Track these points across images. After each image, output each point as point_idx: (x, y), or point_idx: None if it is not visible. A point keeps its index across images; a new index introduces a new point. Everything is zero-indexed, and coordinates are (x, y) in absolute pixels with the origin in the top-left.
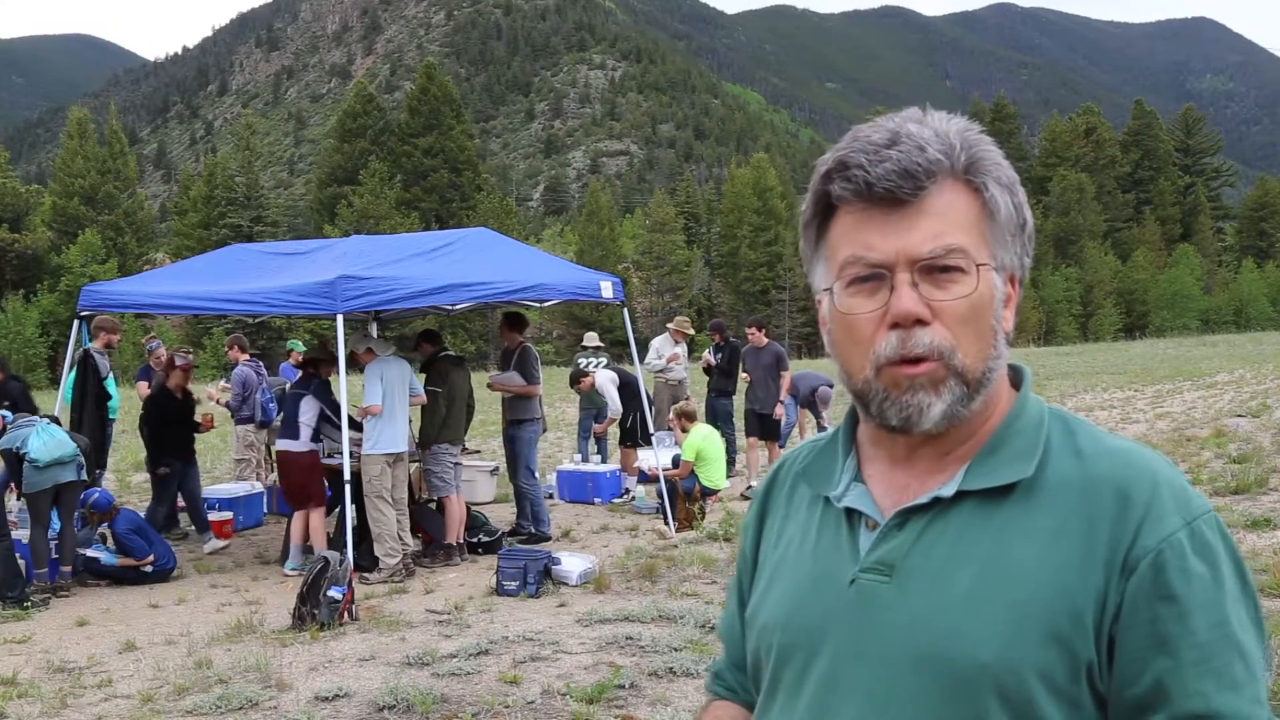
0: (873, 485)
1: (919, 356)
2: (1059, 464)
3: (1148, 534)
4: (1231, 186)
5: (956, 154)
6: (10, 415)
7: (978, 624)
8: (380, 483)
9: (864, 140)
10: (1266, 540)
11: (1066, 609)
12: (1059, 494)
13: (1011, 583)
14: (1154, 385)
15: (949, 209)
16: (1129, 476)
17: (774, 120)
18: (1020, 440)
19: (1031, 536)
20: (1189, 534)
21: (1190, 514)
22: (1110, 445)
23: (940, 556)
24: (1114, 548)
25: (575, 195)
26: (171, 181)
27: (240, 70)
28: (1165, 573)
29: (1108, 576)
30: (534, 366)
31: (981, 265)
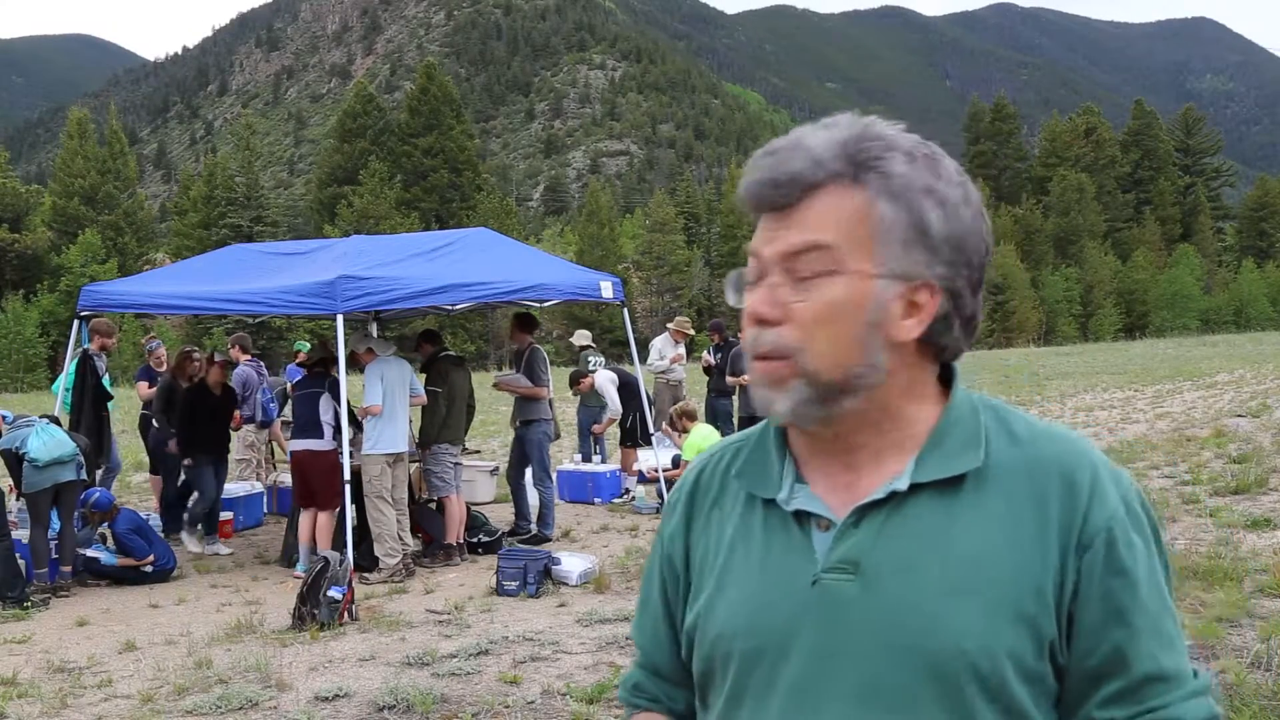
0: (815, 485)
1: (763, 354)
2: (999, 450)
3: (1096, 514)
4: (1231, 186)
5: (838, 161)
6: (10, 415)
7: (956, 612)
8: (380, 483)
9: (763, 148)
10: (1266, 540)
11: (1031, 588)
12: (1006, 479)
13: (980, 568)
14: (1154, 385)
15: (827, 213)
16: (1069, 460)
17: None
18: (961, 431)
19: (989, 521)
20: (1126, 510)
21: (1124, 491)
22: (1041, 429)
23: (905, 550)
24: (1066, 528)
25: (575, 195)
26: (171, 181)
27: (240, 70)
28: (1115, 548)
29: (1063, 555)
30: (542, 368)
31: (853, 273)
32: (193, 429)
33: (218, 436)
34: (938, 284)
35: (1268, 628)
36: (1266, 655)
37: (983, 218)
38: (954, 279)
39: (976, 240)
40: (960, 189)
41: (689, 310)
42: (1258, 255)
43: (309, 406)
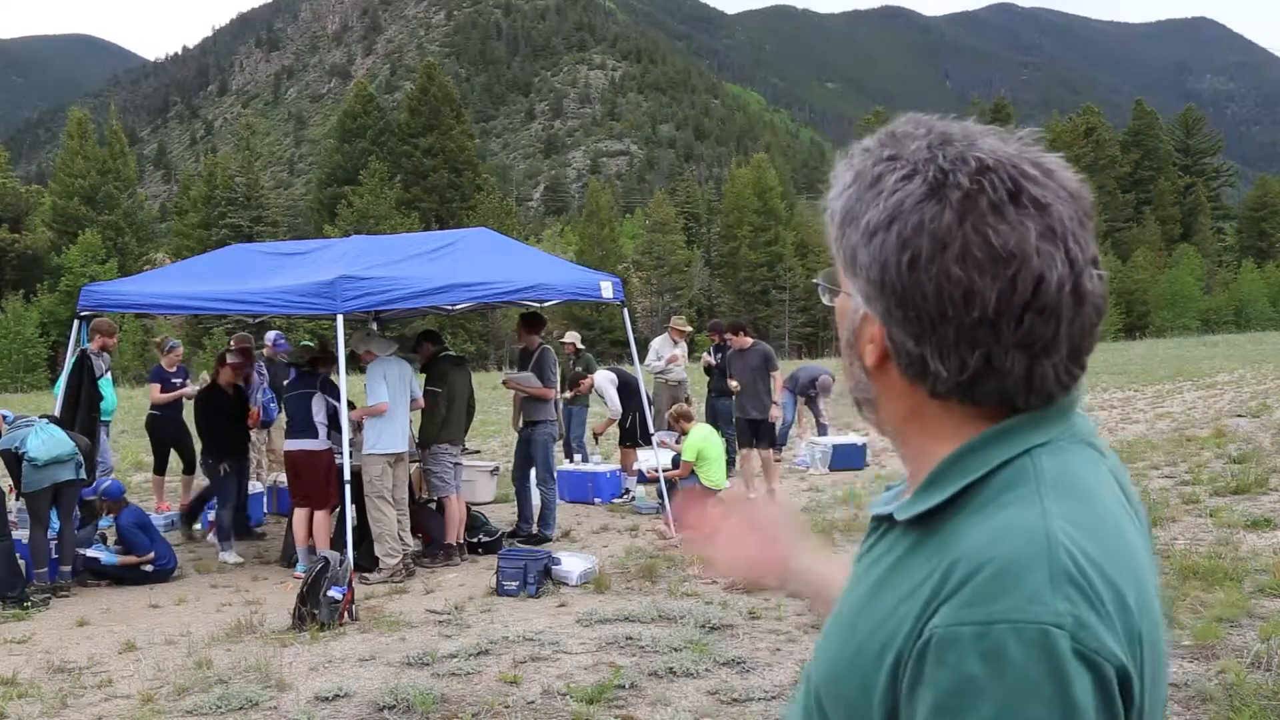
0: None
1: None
2: (968, 518)
3: (939, 615)
4: (1231, 186)
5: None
6: (10, 415)
7: (829, 647)
8: (381, 483)
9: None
10: (1266, 540)
11: (881, 663)
12: (940, 547)
13: (863, 621)
14: (1154, 385)
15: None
16: (971, 550)
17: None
18: (947, 482)
19: (901, 582)
20: (979, 634)
21: (1001, 615)
22: (1013, 517)
23: (862, 570)
24: (919, 617)
25: (575, 195)
26: (171, 181)
27: (240, 70)
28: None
29: (906, 643)
30: (551, 368)
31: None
32: (212, 433)
33: (237, 438)
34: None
35: (1268, 628)
36: (1266, 655)
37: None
38: (887, 320)
39: (895, 277)
40: (885, 212)
41: (689, 310)
42: (1258, 255)
43: (302, 406)
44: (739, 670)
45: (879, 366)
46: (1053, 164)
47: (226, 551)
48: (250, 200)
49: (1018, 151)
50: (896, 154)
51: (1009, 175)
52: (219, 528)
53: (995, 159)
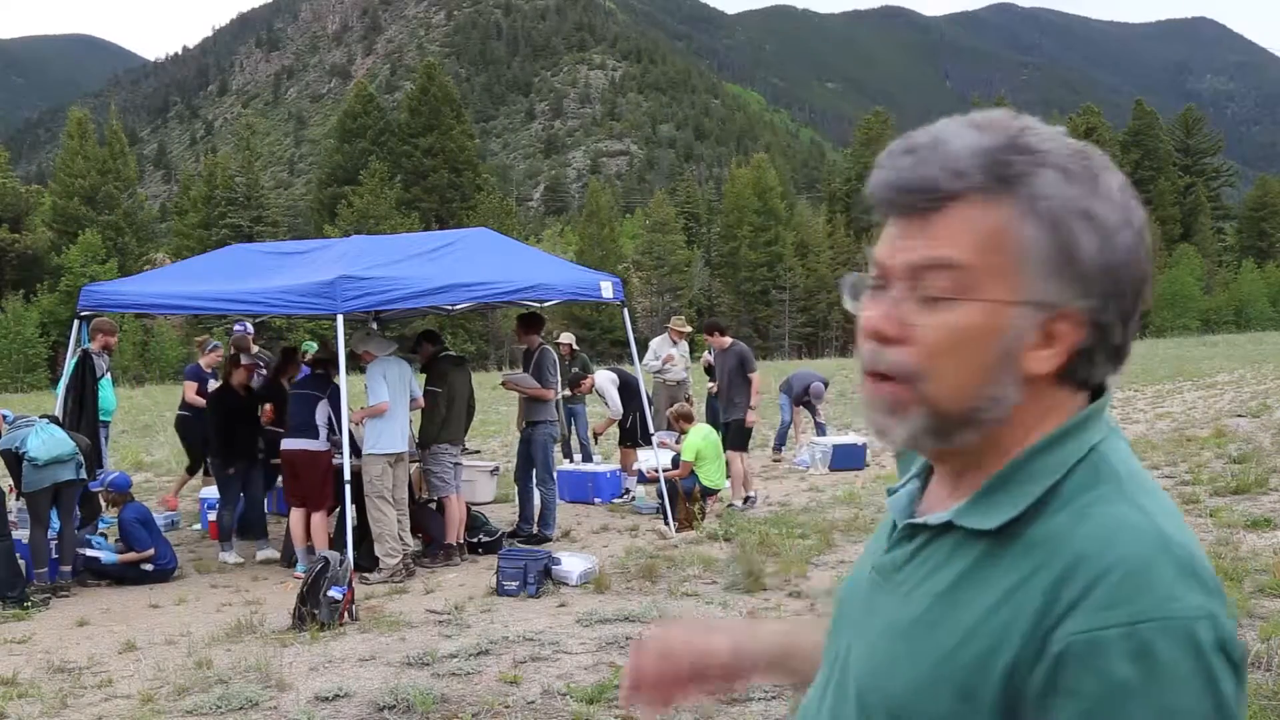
0: (930, 490)
1: (880, 373)
2: (1055, 518)
3: (1073, 620)
4: (1231, 186)
5: (979, 173)
6: (10, 415)
7: (902, 658)
8: (381, 483)
9: (900, 141)
10: (1266, 540)
11: (988, 673)
12: (1032, 551)
13: (948, 629)
14: (1154, 385)
15: (964, 230)
16: (1091, 550)
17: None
18: (1022, 486)
19: (986, 589)
20: (1125, 635)
21: (1145, 614)
22: (1116, 511)
23: (916, 580)
24: (1038, 622)
25: (575, 195)
26: (171, 181)
27: (240, 70)
28: (1070, 668)
29: (1023, 649)
30: (550, 369)
31: (988, 300)
32: (224, 433)
33: (249, 439)
34: (1082, 315)
35: (1268, 628)
36: (1266, 655)
37: (1143, 240)
38: (1103, 310)
39: (1134, 267)
40: (1121, 210)
41: (689, 310)
42: (1258, 255)
43: (305, 407)
44: None
45: (1043, 374)
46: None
47: (227, 552)
48: (250, 200)
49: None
50: (1084, 153)
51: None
52: (220, 528)
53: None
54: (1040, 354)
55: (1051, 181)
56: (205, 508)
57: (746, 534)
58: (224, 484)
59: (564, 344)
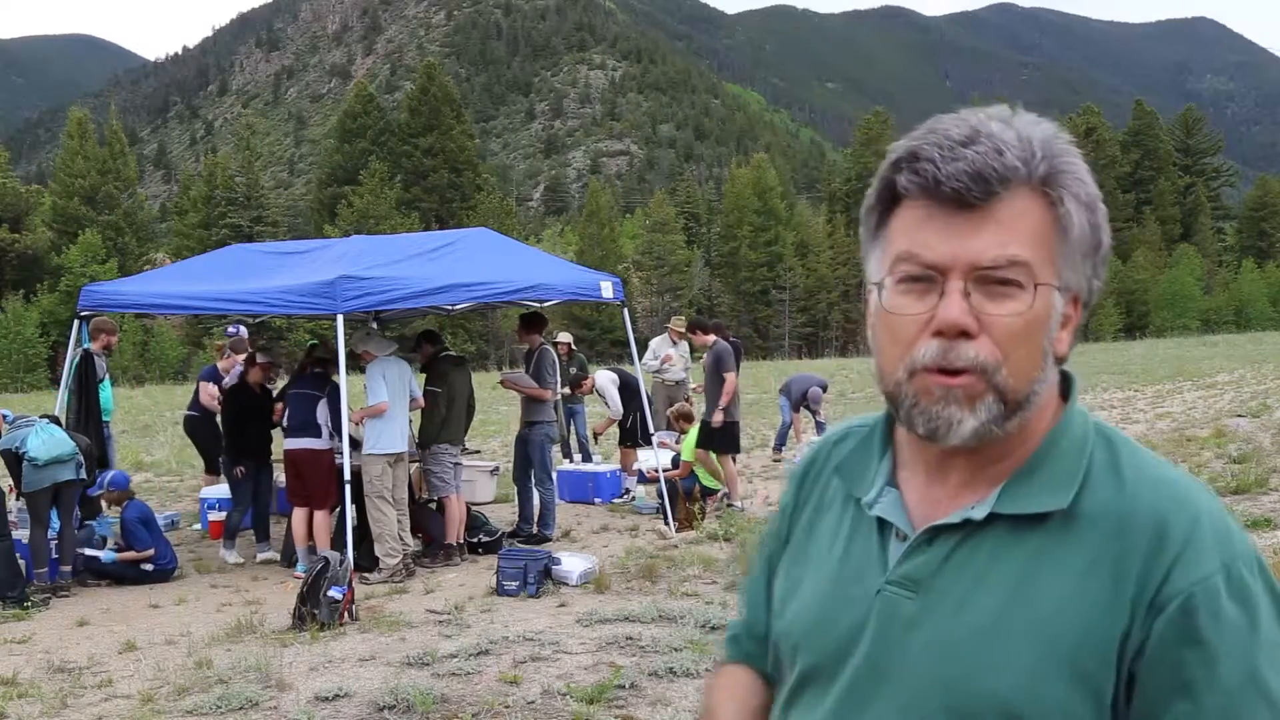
0: (906, 492)
1: (959, 369)
2: (1099, 491)
3: (1180, 575)
4: (1231, 186)
5: (1036, 162)
6: (10, 415)
7: (1000, 657)
8: (381, 483)
9: (941, 133)
10: (1266, 540)
11: (1093, 647)
12: (1096, 525)
13: (1037, 616)
14: (1154, 385)
15: (1018, 219)
16: (1169, 510)
17: (774, 120)
18: (1061, 464)
19: (1063, 569)
20: (1225, 577)
21: (1230, 555)
22: (1154, 473)
23: (968, 580)
24: (1143, 585)
25: (575, 195)
26: (171, 181)
27: (240, 70)
28: (1195, 617)
29: (1133, 614)
30: (549, 369)
31: (1042, 284)
32: (239, 432)
33: (263, 438)
34: (1083, 296)
35: None
36: None
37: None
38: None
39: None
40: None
41: (689, 310)
42: (1258, 255)
43: (306, 407)
44: None
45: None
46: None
47: (228, 550)
48: (250, 200)
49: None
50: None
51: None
52: (227, 528)
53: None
54: (1062, 336)
55: (1079, 170)
56: (205, 508)
57: (746, 534)
58: (235, 484)
59: (562, 344)
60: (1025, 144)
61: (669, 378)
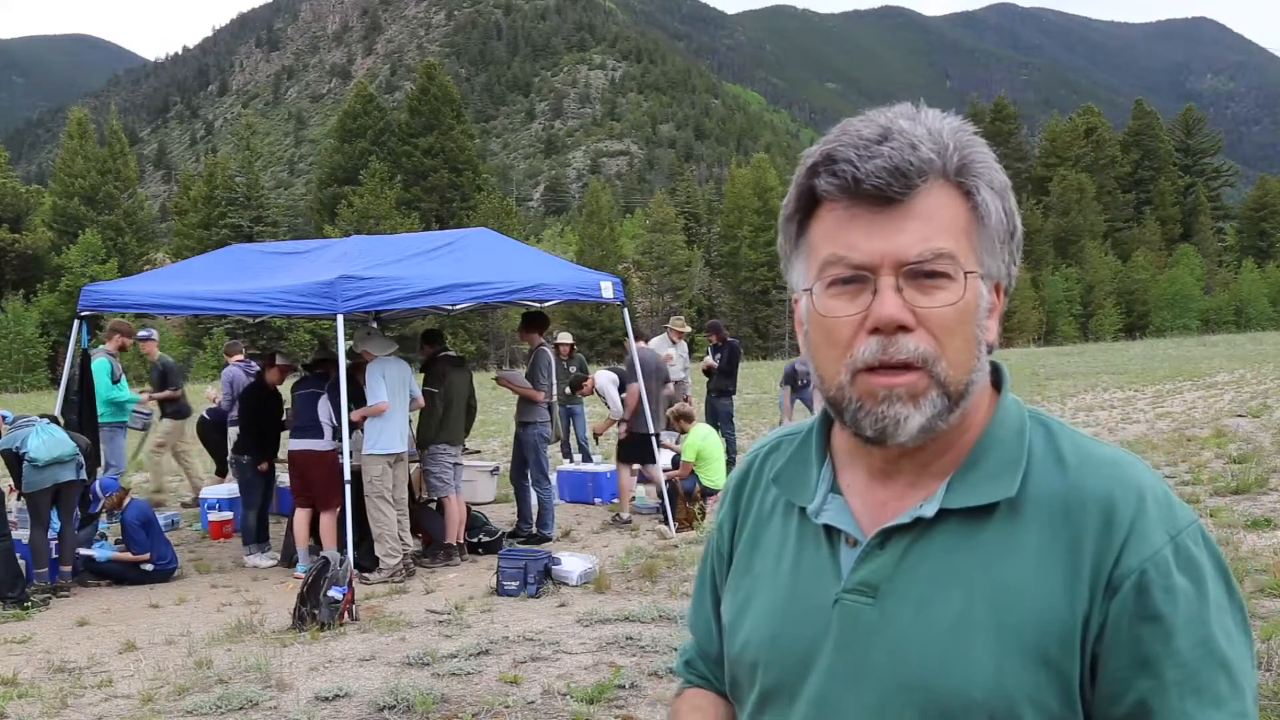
0: (850, 498)
1: (902, 363)
2: (1043, 476)
3: (1131, 553)
4: (1231, 186)
5: (949, 154)
6: (10, 415)
7: (966, 654)
8: (381, 483)
9: (854, 134)
10: (1266, 540)
11: (1056, 632)
12: (1044, 510)
13: (999, 607)
14: (1154, 385)
15: (938, 212)
16: (1114, 491)
17: (774, 120)
18: (1002, 452)
19: (1018, 557)
20: (1173, 550)
21: (1175, 528)
22: (1093, 454)
23: (925, 579)
24: (1098, 567)
25: (575, 195)
26: (171, 181)
27: (240, 70)
28: (1149, 592)
29: (1091, 596)
30: (543, 370)
31: (970, 272)
32: (256, 432)
33: (276, 440)
34: (1004, 283)
35: (1268, 628)
36: (1266, 655)
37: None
38: (1010, 278)
39: (1018, 225)
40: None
41: (689, 310)
42: (1258, 255)
43: (308, 407)
44: None
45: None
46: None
47: (253, 555)
48: (250, 200)
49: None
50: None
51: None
52: (244, 530)
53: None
54: (989, 324)
55: (989, 159)
56: (205, 508)
57: None
58: (247, 485)
59: (562, 344)
60: (936, 137)
61: (669, 378)
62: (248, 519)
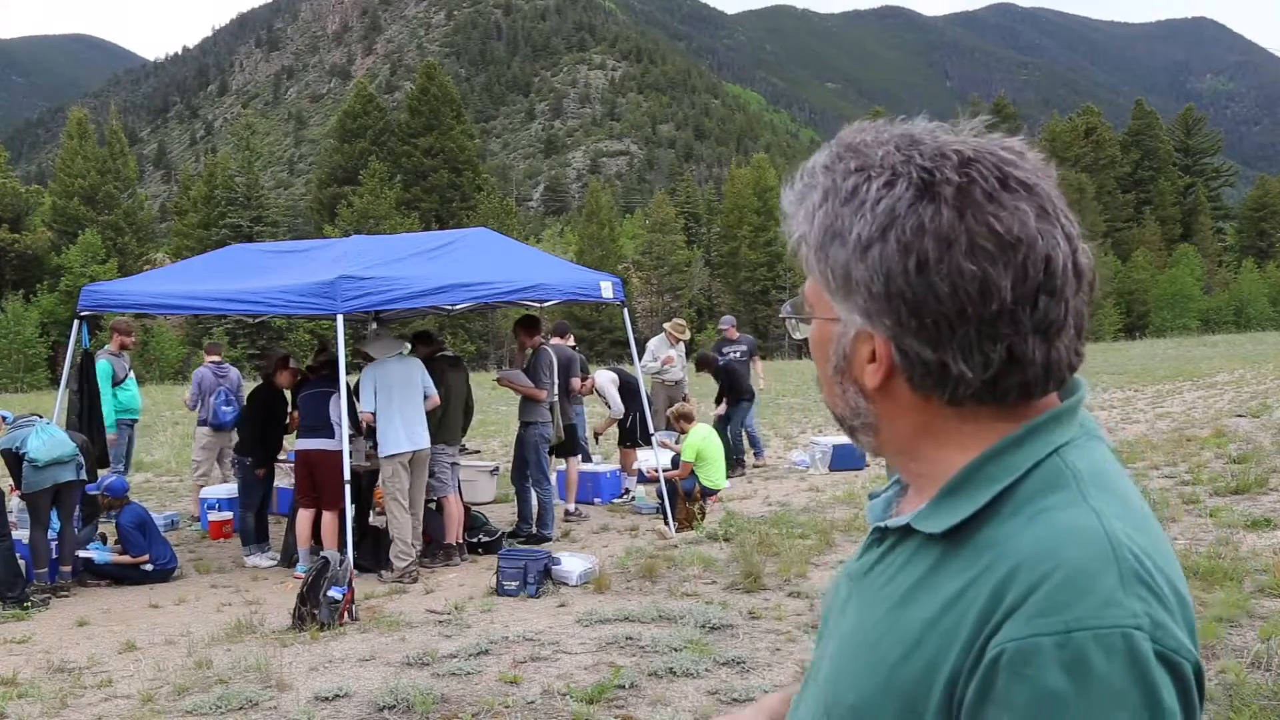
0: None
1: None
2: (1008, 523)
3: (1009, 628)
4: (1231, 186)
5: (792, 206)
6: (10, 415)
7: (859, 670)
8: (393, 484)
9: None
10: (1266, 540)
11: (930, 683)
12: (980, 556)
13: (894, 639)
14: (1154, 385)
15: (803, 261)
16: (1033, 557)
17: (774, 120)
18: (971, 490)
19: (933, 596)
20: (1059, 643)
21: (1080, 622)
22: (1068, 518)
23: (877, 585)
24: (977, 630)
25: (575, 195)
26: (171, 181)
27: (240, 70)
28: (1002, 676)
29: (964, 659)
30: (544, 370)
31: (821, 316)
32: (263, 433)
33: (280, 442)
34: (883, 335)
35: (1268, 628)
36: (1266, 655)
37: (910, 254)
38: (898, 332)
39: (903, 285)
40: (875, 222)
41: (688, 310)
42: (1258, 255)
43: (319, 406)
44: (739, 670)
45: (882, 387)
46: (1019, 145)
47: (253, 555)
48: (250, 200)
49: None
50: (864, 164)
51: (992, 162)
52: (244, 531)
53: (973, 149)
54: (869, 367)
55: (817, 201)
56: (205, 508)
57: (746, 534)
58: (247, 485)
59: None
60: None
61: (669, 378)
62: (247, 519)
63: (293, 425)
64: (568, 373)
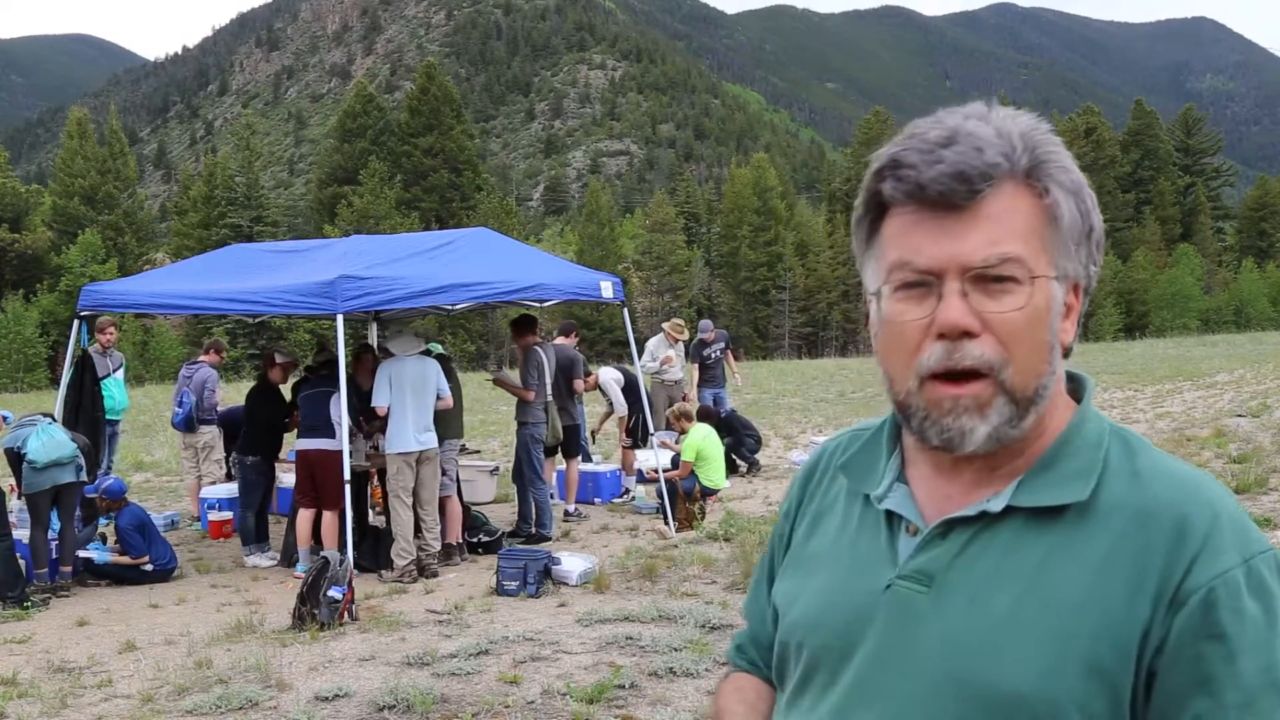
0: (916, 488)
1: (967, 369)
2: (1115, 486)
3: (1201, 569)
4: (1231, 186)
5: (1018, 155)
6: (11, 416)
7: (1016, 650)
8: (397, 481)
9: (920, 137)
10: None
11: (1111, 641)
12: (1113, 519)
13: (1055, 610)
14: (1154, 385)
15: (1007, 214)
16: (1188, 506)
17: (774, 120)
18: (1077, 459)
19: (1080, 562)
20: (1245, 572)
21: (1249, 551)
22: (1170, 469)
23: (982, 574)
24: (1164, 580)
25: (575, 195)
26: (171, 181)
27: (240, 70)
28: (1215, 610)
29: (1154, 609)
30: (534, 370)
31: (1038, 277)
32: (262, 430)
33: (279, 440)
34: (1083, 284)
35: None
36: None
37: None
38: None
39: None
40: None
41: (688, 310)
42: (1258, 255)
43: (320, 406)
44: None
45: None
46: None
47: (253, 555)
48: (250, 200)
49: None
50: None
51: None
52: (243, 531)
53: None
54: (1066, 326)
55: (1062, 157)
56: (205, 508)
57: (746, 534)
58: (247, 485)
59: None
60: (1005, 138)
61: (668, 378)
62: (246, 519)
63: (293, 425)
64: (570, 373)
